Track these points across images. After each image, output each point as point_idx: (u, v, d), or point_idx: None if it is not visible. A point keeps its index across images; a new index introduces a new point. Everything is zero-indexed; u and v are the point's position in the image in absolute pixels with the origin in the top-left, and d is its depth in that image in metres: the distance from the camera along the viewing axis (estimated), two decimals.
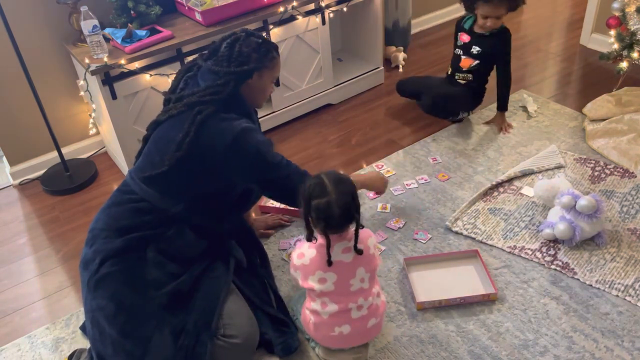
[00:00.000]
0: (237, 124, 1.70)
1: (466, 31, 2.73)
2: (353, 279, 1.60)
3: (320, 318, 1.65)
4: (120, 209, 1.75)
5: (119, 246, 1.66)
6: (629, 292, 1.92)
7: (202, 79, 1.77)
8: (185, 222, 1.76)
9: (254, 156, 1.72)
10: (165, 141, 1.73)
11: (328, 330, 1.65)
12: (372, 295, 1.65)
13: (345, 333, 1.64)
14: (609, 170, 2.46)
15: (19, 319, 2.08)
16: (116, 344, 1.57)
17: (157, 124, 1.79)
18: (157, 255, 1.69)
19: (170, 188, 1.73)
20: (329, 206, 1.51)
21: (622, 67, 2.86)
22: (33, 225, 2.54)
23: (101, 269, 1.64)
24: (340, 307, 1.61)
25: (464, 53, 2.76)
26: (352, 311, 1.63)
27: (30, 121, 2.73)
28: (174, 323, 1.61)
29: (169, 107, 1.78)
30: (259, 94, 1.85)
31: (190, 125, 1.67)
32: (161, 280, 1.66)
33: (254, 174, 1.77)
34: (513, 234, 2.19)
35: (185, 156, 1.67)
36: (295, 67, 2.94)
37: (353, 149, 2.81)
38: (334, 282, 1.59)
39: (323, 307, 1.63)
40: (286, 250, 2.20)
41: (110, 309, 1.59)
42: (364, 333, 1.68)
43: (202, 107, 1.69)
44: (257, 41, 1.77)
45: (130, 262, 1.65)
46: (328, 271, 1.59)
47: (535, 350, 1.76)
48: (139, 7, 2.55)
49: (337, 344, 1.69)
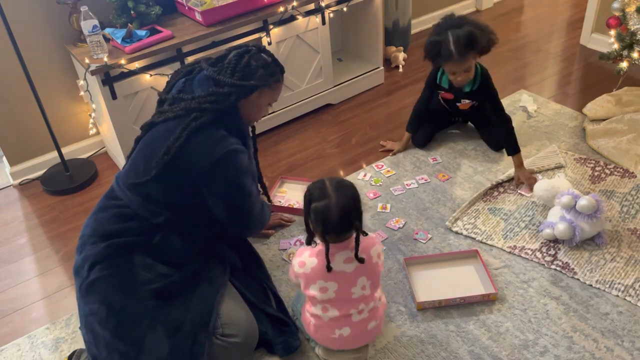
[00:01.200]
0: (227, 144, 1.68)
1: (446, 90, 2.52)
2: (354, 288, 1.60)
3: (321, 321, 1.65)
4: (105, 214, 1.74)
5: (104, 251, 1.66)
6: (629, 292, 1.92)
7: (198, 84, 1.74)
8: (171, 229, 1.74)
9: (231, 179, 1.70)
10: (151, 149, 1.71)
11: (328, 332, 1.65)
12: (373, 300, 1.65)
13: (346, 335, 1.64)
14: (609, 170, 2.46)
15: (19, 319, 2.08)
16: (110, 346, 1.57)
17: (152, 125, 1.77)
18: (145, 258, 1.68)
19: (152, 197, 1.71)
20: (328, 209, 1.50)
21: (622, 67, 2.87)
22: (33, 225, 2.54)
23: (90, 275, 1.64)
24: (341, 312, 1.62)
25: (457, 101, 2.56)
26: (353, 315, 1.63)
27: (30, 121, 2.73)
28: (168, 322, 1.61)
29: (165, 109, 1.76)
30: (254, 112, 1.83)
31: (183, 130, 1.65)
32: (151, 281, 1.65)
33: (225, 197, 1.73)
34: (513, 234, 2.19)
35: (171, 162, 1.65)
36: (295, 67, 2.94)
37: (353, 149, 2.81)
38: (334, 290, 1.59)
39: (324, 312, 1.63)
40: (286, 250, 2.20)
41: (102, 312, 1.59)
42: (364, 335, 1.68)
43: (199, 115, 1.67)
44: (267, 59, 1.76)
45: (118, 266, 1.65)
46: (329, 280, 1.58)
47: (535, 350, 1.76)
48: (139, 7, 2.55)
49: (338, 346, 1.69)
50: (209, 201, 1.74)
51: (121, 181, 1.76)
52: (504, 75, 3.29)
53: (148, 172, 1.68)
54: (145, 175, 1.68)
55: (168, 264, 1.71)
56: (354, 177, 2.58)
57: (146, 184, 1.69)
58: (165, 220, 1.71)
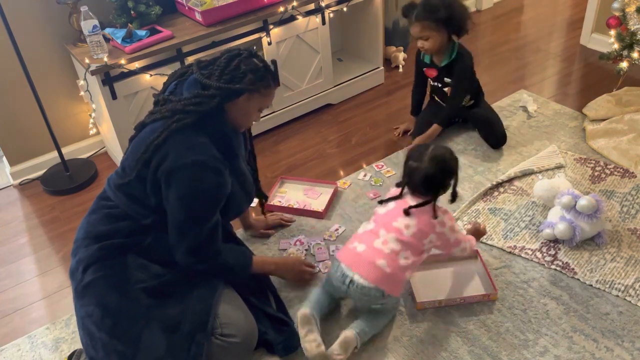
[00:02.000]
0: (198, 152, 1.62)
1: (429, 65, 2.62)
2: (397, 223, 1.75)
3: (355, 235, 1.86)
4: (97, 216, 1.74)
5: (97, 253, 1.65)
6: (629, 292, 1.92)
7: (187, 87, 1.72)
8: (161, 230, 1.72)
9: (184, 192, 1.62)
10: (136, 149, 1.69)
11: (351, 242, 1.82)
12: (402, 252, 1.74)
13: (358, 251, 1.76)
14: (609, 170, 2.46)
15: (19, 319, 2.08)
16: (107, 346, 1.57)
17: (143, 125, 1.76)
18: (137, 259, 1.68)
19: (136, 198, 1.70)
20: (416, 172, 1.73)
21: (622, 67, 2.86)
22: (33, 225, 2.54)
23: (85, 277, 1.64)
24: (373, 229, 1.79)
25: (443, 85, 2.63)
26: (377, 240, 1.76)
27: (30, 121, 2.73)
28: (165, 321, 1.60)
29: (155, 110, 1.75)
30: (242, 117, 1.76)
31: (163, 131, 1.64)
32: (145, 281, 1.65)
33: (171, 210, 1.64)
34: (513, 234, 2.19)
35: (147, 160, 1.63)
36: (295, 67, 2.94)
37: (353, 149, 2.82)
38: (388, 209, 1.80)
39: (367, 224, 1.85)
40: (286, 251, 2.20)
41: (97, 314, 1.59)
42: (370, 264, 1.73)
43: (182, 116, 1.65)
44: (258, 64, 1.71)
45: (112, 267, 1.65)
46: (391, 203, 1.80)
47: (535, 350, 1.76)
48: (139, 7, 2.55)
49: (346, 258, 1.78)
50: (165, 206, 1.68)
51: (112, 182, 1.76)
52: (504, 75, 3.29)
53: (131, 172, 1.67)
54: (129, 176, 1.68)
55: (162, 264, 1.71)
56: (354, 177, 2.58)
57: (129, 184, 1.68)
58: (153, 222, 1.70)
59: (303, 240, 2.24)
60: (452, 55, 2.52)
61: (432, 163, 1.72)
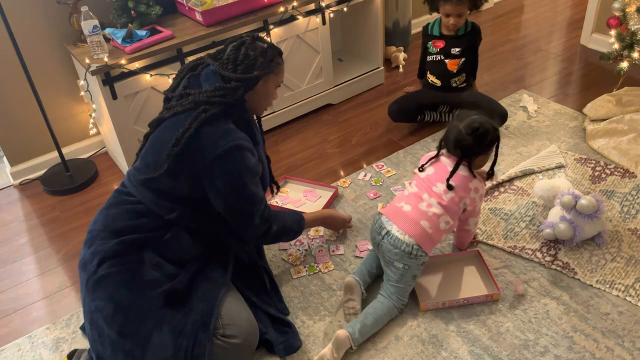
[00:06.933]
0: (234, 138, 1.67)
1: (437, 37, 2.74)
2: (436, 188, 1.85)
3: (401, 194, 1.95)
4: (117, 210, 1.74)
5: (115, 248, 1.65)
6: (629, 292, 1.92)
7: (205, 80, 1.75)
8: (182, 226, 1.75)
9: (233, 176, 1.68)
10: (160, 143, 1.71)
11: (397, 201, 1.91)
12: (443, 216, 1.83)
13: (404, 210, 1.85)
14: (609, 170, 2.46)
15: (19, 319, 2.08)
16: (115, 344, 1.57)
17: (161, 120, 1.77)
18: (154, 257, 1.69)
19: (164, 192, 1.71)
20: (452, 128, 1.85)
21: (623, 67, 2.87)
22: (33, 226, 2.54)
23: (99, 270, 1.63)
24: (416, 192, 1.88)
25: (446, 57, 2.72)
26: (422, 203, 1.84)
27: (30, 121, 2.73)
28: (173, 323, 1.61)
29: (173, 104, 1.76)
30: (264, 99, 1.83)
31: (192, 122, 1.66)
32: (159, 280, 1.65)
33: (225, 195, 1.70)
34: (513, 234, 2.19)
35: (180, 153, 1.65)
36: (296, 67, 2.94)
37: (353, 149, 2.82)
38: (430, 173, 1.90)
39: (409, 185, 1.95)
40: (286, 251, 2.20)
41: (109, 309, 1.59)
42: (414, 224, 1.82)
43: (208, 107, 1.68)
44: (263, 46, 1.76)
45: (128, 263, 1.65)
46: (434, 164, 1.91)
47: (535, 350, 1.76)
48: (140, 7, 2.55)
49: (391, 213, 1.87)
50: (211, 198, 1.73)
51: (133, 177, 1.77)
52: (504, 75, 3.29)
53: (160, 166, 1.68)
54: (157, 170, 1.69)
55: (175, 263, 1.72)
56: (354, 177, 2.58)
57: (157, 179, 1.69)
58: (177, 216, 1.72)
59: (303, 240, 2.24)
60: (467, 27, 2.72)
61: (468, 124, 1.82)
